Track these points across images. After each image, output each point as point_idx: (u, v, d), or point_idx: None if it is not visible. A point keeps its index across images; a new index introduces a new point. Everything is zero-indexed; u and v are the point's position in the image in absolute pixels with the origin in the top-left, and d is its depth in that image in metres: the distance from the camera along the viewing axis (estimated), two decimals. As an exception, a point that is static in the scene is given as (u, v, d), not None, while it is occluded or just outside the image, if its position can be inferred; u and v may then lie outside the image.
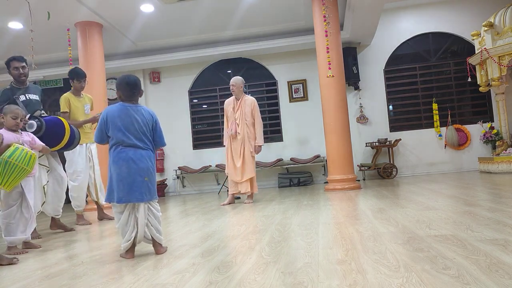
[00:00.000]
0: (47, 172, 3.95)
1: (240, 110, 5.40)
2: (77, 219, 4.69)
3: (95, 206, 5.04)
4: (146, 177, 2.53)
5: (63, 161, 4.55)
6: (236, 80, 5.51)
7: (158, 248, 2.61)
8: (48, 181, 3.96)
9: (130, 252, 2.57)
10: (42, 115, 3.91)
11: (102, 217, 4.87)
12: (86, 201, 4.80)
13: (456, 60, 8.37)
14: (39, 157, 3.82)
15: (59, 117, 3.93)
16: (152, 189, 2.58)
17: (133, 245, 2.58)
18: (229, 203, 5.47)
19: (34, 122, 3.54)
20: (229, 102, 5.54)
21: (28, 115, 3.64)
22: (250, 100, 5.47)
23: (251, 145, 5.36)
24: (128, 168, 2.50)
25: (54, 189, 4.08)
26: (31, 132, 3.47)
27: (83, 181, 4.57)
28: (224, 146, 5.53)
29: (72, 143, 3.96)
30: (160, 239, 2.63)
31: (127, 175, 2.50)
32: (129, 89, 2.59)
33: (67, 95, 4.60)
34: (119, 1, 6.31)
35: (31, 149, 3.14)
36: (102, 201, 4.83)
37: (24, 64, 3.88)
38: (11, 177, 2.95)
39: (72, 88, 4.67)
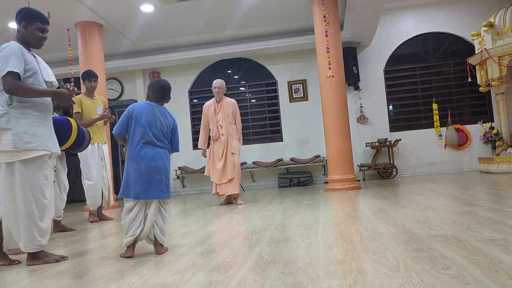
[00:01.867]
0: (54, 172, 3.97)
1: (222, 112, 5.40)
2: (90, 216, 4.85)
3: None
4: (163, 175, 2.60)
5: (77, 162, 4.72)
6: (223, 83, 5.53)
7: (159, 248, 2.62)
8: (54, 181, 3.99)
9: (130, 250, 2.58)
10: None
11: (101, 217, 4.89)
12: None
13: (456, 60, 8.37)
14: None
15: (68, 118, 3.95)
16: (169, 187, 2.67)
17: (134, 242, 2.59)
18: (227, 203, 5.47)
19: None
20: (209, 105, 5.53)
21: None
22: (231, 102, 5.50)
23: (234, 145, 5.36)
24: (147, 166, 2.56)
25: (55, 191, 4.09)
26: None
27: (98, 180, 4.72)
28: (200, 149, 5.60)
29: (81, 144, 3.97)
30: (163, 239, 2.65)
31: (145, 173, 2.55)
32: (161, 91, 2.73)
33: (80, 96, 4.76)
34: (119, 1, 6.31)
35: None
36: (112, 201, 4.94)
37: None
38: None
39: (85, 89, 4.88)
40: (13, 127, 2.49)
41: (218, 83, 5.49)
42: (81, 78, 4.90)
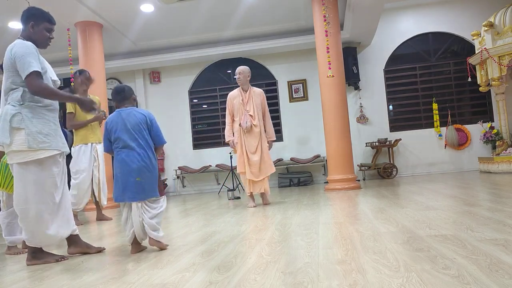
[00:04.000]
0: None
1: (252, 102, 4.91)
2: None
3: (95, 206, 5.04)
4: (138, 177, 2.63)
5: (68, 160, 4.61)
6: (243, 69, 5.02)
7: (152, 242, 2.68)
8: None
9: (133, 247, 2.71)
10: None
11: (100, 218, 4.87)
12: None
13: (456, 60, 8.37)
14: None
15: None
16: (147, 188, 2.66)
17: (136, 241, 2.70)
18: (265, 204, 5.02)
19: None
20: (234, 95, 5.00)
21: None
22: (259, 91, 5.04)
23: (266, 139, 4.94)
24: (121, 170, 2.66)
25: None
26: None
27: (84, 180, 4.59)
28: (228, 144, 5.09)
29: None
30: (157, 236, 2.67)
31: (120, 176, 2.66)
32: (116, 94, 2.82)
33: None
34: (119, 1, 6.31)
35: None
36: (104, 201, 4.84)
37: None
38: (13, 179, 2.97)
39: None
40: (26, 126, 2.50)
41: (239, 69, 5.03)
42: (73, 78, 4.69)
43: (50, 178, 2.57)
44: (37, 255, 2.62)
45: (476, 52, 7.40)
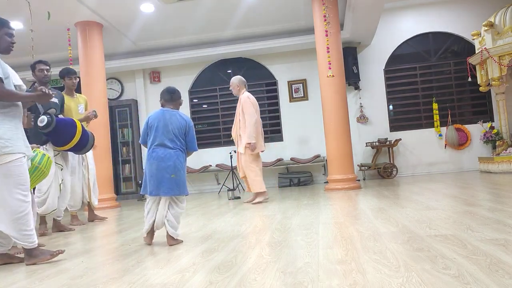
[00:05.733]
0: (61, 170, 4.04)
1: (238, 109, 5.39)
2: (71, 220, 4.66)
3: (86, 207, 4.99)
4: (173, 174, 2.82)
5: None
6: (232, 80, 5.48)
7: (169, 240, 2.87)
8: (63, 179, 4.05)
9: (148, 237, 2.94)
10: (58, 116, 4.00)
11: (92, 218, 4.83)
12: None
13: (456, 60, 8.36)
14: (54, 156, 4.02)
15: (74, 120, 3.97)
16: (181, 185, 2.87)
17: (152, 232, 2.92)
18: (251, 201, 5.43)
19: (45, 117, 3.67)
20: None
21: (43, 111, 3.80)
22: (242, 98, 5.33)
23: (242, 144, 5.27)
24: (158, 166, 2.84)
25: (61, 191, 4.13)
26: (41, 127, 3.58)
27: (75, 181, 4.55)
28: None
29: (85, 146, 4.01)
30: (174, 233, 2.88)
31: (156, 172, 2.83)
32: (167, 93, 3.04)
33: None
34: (119, 1, 6.30)
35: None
36: (95, 202, 4.81)
37: (48, 67, 4.12)
38: (36, 181, 3.16)
39: (65, 88, 4.66)
40: None
41: (231, 80, 5.51)
42: (60, 77, 4.65)
43: (18, 179, 2.54)
44: (33, 253, 2.62)
45: (476, 52, 7.40)
